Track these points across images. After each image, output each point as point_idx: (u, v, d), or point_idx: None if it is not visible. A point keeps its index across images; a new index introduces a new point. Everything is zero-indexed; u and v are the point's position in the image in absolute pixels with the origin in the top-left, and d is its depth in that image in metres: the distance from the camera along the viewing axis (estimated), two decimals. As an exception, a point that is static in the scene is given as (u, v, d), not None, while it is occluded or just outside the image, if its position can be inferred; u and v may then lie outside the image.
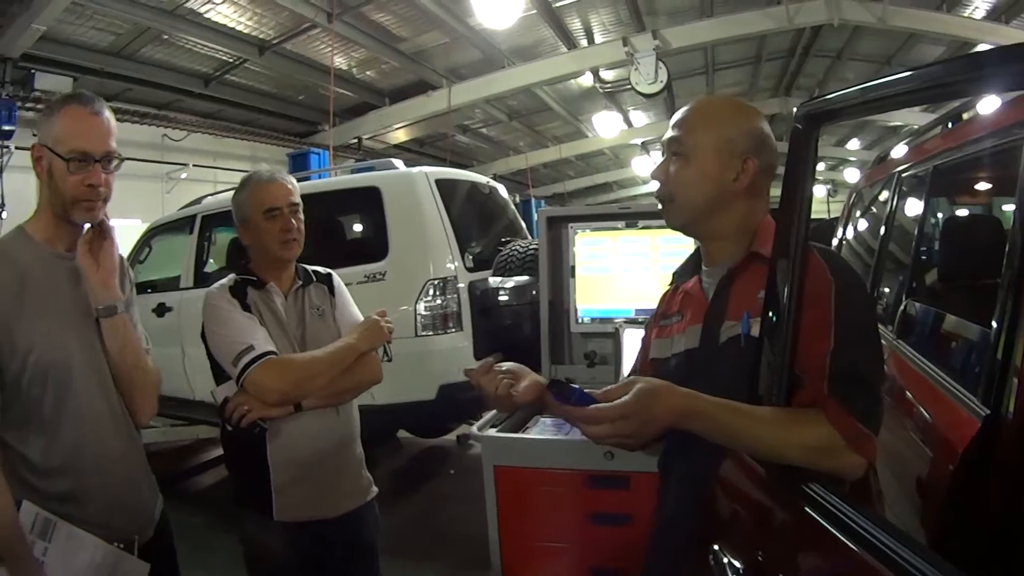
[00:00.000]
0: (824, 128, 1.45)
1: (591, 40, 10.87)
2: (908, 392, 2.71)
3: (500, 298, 5.15)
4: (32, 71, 8.32)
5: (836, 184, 24.43)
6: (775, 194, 1.60)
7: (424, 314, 4.91)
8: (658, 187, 1.73)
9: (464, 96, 11.34)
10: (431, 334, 4.93)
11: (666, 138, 1.72)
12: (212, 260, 6.42)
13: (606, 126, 15.72)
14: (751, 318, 1.55)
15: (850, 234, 4.99)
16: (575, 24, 10.46)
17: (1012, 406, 1.70)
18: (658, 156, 1.76)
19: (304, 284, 2.61)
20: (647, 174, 2.07)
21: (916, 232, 3.27)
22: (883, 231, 3.77)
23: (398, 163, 5.66)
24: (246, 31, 9.14)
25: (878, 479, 1.51)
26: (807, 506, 1.22)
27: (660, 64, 9.63)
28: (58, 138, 1.96)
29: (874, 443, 1.37)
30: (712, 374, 1.54)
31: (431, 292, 4.92)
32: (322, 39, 9.49)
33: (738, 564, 1.30)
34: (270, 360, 2.32)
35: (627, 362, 3.53)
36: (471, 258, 5.31)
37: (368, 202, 5.31)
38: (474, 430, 3.32)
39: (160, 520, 2.25)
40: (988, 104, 2.79)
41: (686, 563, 1.53)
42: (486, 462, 3.17)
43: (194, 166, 11.07)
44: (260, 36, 9.37)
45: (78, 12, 7.73)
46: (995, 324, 1.88)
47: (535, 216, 5.34)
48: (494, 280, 5.27)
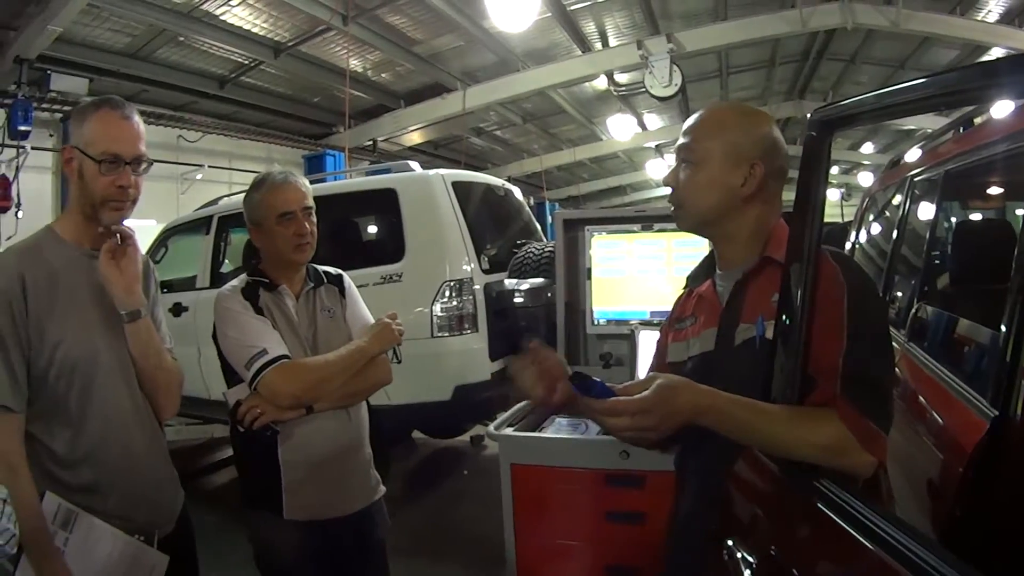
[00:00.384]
0: (838, 133, 1.47)
1: (605, 43, 10.86)
2: (920, 394, 2.72)
3: (515, 300, 5.19)
4: (48, 72, 8.39)
5: (850, 188, 24.31)
6: (788, 198, 1.63)
7: (440, 315, 4.92)
8: (670, 192, 1.78)
9: (479, 99, 11.36)
10: (447, 335, 4.94)
11: (677, 145, 1.76)
12: (228, 261, 6.45)
13: (620, 129, 15.74)
14: (765, 321, 1.58)
15: (863, 238, 4.99)
16: (589, 27, 10.45)
17: (1020, 407, 1.73)
18: (672, 159, 1.80)
19: (315, 286, 2.60)
20: (661, 177, 2.11)
21: (928, 236, 3.27)
22: (895, 235, 3.77)
23: (415, 165, 5.70)
24: (262, 33, 9.18)
25: (889, 478, 1.54)
26: (819, 502, 1.25)
27: (674, 67, 9.62)
28: (90, 140, 2.01)
29: (884, 442, 1.39)
30: (727, 376, 1.56)
31: (447, 294, 4.93)
32: (337, 41, 9.52)
33: (751, 559, 1.32)
34: (283, 364, 2.33)
35: (642, 363, 3.57)
36: (487, 260, 5.33)
37: (385, 204, 5.33)
38: (491, 429, 3.35)
39: (181, 515, 2.27)
40: (999, 109, 2.80)
41: (704, 559, 1.55)
42: (503, 460, 3.20)
43: (209, 167, 11.06)
44: (275, 38, 9.41)
45: (94, 14, 7.78)
46: (1003, 327, 1.90)
47: (549, 218, 5.36)
48: (510, 282, 5.30)
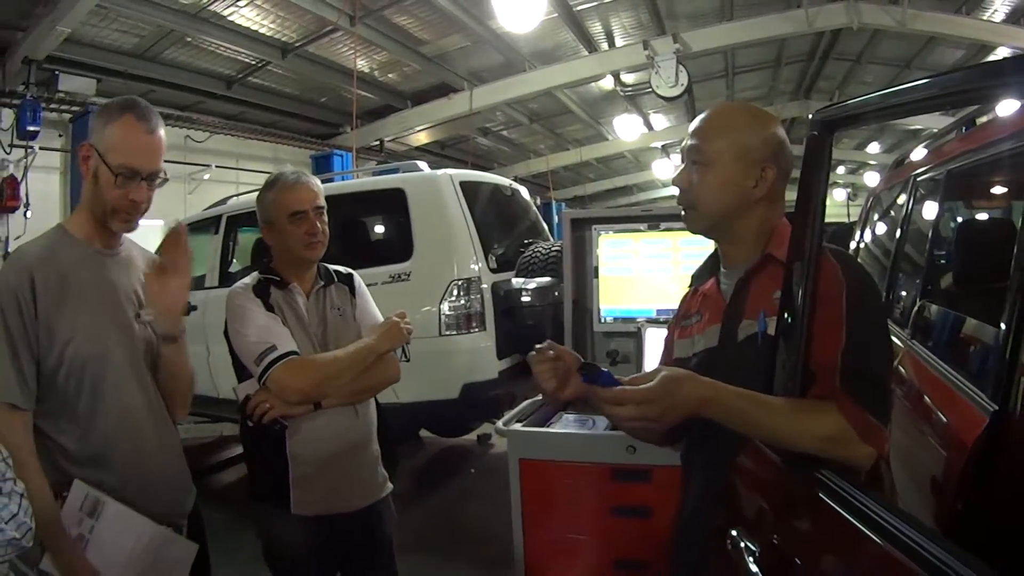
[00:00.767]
0: (840, 134, 1.50)
1: (612, 43, 10.88)
2: (923, 392, 2.74)
3: (523, 299, 5.22)
4: (56, 72, 8.41)
5: (856, 187, 24.26)
6: (790, 198, 1.66)
7: (448, 314, 4.96)
8: (680, 193, 1.79)
9: (485, 99, 11.40)
10: (455, 334, 4.98)
11: (685, 146, 1.77)
12: (236, 260, 6.51)
13: (626, 129, 15.73)
14: (767, 317, 1.61)
15: (868, 237, 5.01)
16: (596, 27, 10.47)
17: (1019, 402, 1.77)
18: (678, 159, 1.83)
19: (326, 284, 2.63)
20: (667, 177, 2.12)
21: (931, 235, 3.29)
22: (899, 234, 3.79)
23: (423, 165, 5.73)
24: (269, 34, 9.20)
25: (891, 472, 1.57)
26: (820, 492, 1.28)
27: (680, 67, 9.63)
28: (110, 147, 1.99)
29: (883, 434, 1.43)
30: (731, 371, 1.58)
31: (455, 292, 4.97)
32: (345, 42, 9.53)
33: (754, 547, 1.35)
34: (292, 360, 2.36)
35: (648, 360, 3.60)
36: (494, 259, 5.37)
37: (393, 204, 5.37)
38: (499, 425, 3.39)
39: (193, 511, 2.29)
40: (1002, 108, 2.82)
41: (711, 550, 1.58)
42: (511, 455, 3.24)
43: (217, 167, 11.06)
44: (283, 39, 9.43)
45: (102, 14, 7.81)
46: (1003, 324, 1.93)
47: (556, 218, 5.38)
48: (517, 281, 5.34)
